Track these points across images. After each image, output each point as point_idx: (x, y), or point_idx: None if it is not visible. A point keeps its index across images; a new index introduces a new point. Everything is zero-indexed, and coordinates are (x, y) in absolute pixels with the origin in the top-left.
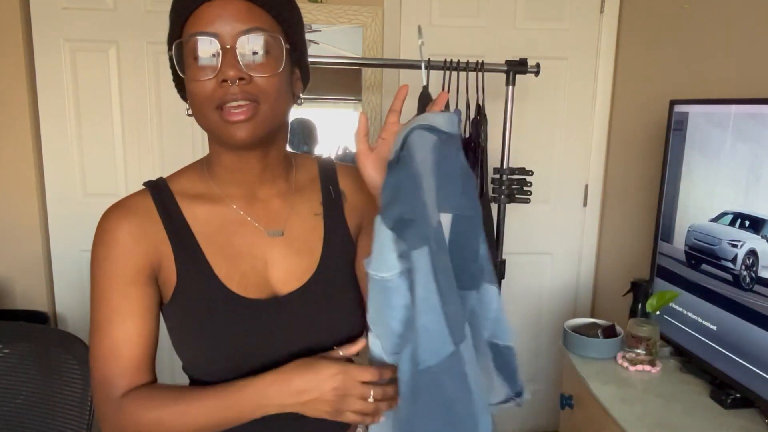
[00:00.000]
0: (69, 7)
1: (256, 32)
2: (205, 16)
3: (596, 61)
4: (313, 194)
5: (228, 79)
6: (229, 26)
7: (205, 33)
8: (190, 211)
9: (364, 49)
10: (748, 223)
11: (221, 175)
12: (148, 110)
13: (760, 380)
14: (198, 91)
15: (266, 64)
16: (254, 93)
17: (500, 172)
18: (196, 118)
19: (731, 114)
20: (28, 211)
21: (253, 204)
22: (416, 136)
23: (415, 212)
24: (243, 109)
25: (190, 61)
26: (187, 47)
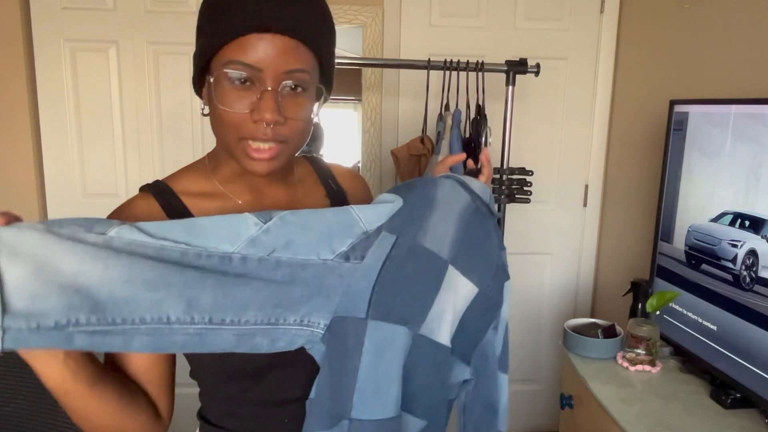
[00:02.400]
0: (69, 7)
1: (300, 74)
2: (252, 47)
3: (596, 61)
4: (315, 188)
5: (264, 122)
6: (274, 64)
7: (249, 66)
8: (198, 210)
9: (364, 49)
10: (748, 223)
11: (227, 176)
12: (148, 110)
13: (760, 380)
14: (228, 119)
15: (301, 104)
16: (284, 134)
17: (500, 172)
18: (215, 132)
19: (731, 114)
20: (28, 211)
21: (261, 201)
22: (448, 182)
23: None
24: (269, 148)
25: (225, 86)
26: (224, 72)
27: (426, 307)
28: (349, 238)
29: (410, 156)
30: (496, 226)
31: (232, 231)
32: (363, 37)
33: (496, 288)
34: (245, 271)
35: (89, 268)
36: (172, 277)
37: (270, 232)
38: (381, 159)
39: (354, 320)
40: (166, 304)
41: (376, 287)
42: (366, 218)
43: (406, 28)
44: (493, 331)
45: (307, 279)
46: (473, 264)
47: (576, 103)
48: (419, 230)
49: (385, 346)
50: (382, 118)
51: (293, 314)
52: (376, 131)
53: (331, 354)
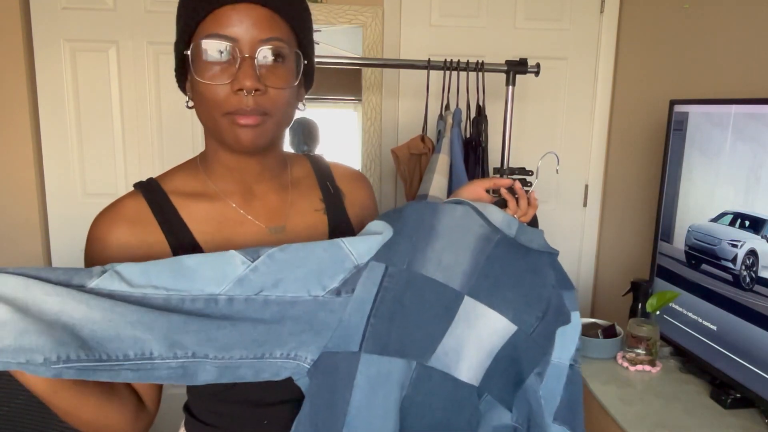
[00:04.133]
0: (69, 7)
1: (276, 42)
2: (226, 19)
3: (596, 61)
4: (310, 190)
5: (244, 89)
6: (249, 33)
7: (224, 37)
8: (186, 211)
9: (364, 49)
10: (748, 223)
11: (218, 173)
12: (148, 110)
13: (760, 380)
14: (210, 95)
15: (281, 75)
16: (266, 105)
17: (500, 172)
18: (200, 116)
19: (731, 114)
20: (28, 211)
21: (251, 201)
22: (460, 209)
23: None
24: (253, 117)
25: (203, 62)
26: (201, 46)
27: (434, 337)
28: (341, 274)
29: (411, 155)
30: (555, 264)
31: (218, 271)
32: (363, 37)
33: (545, 330)
34: (231, 313)
35: (71, 308)
36: (155, 321)
37: (258, 270)
38: (381, 159)
39: (346, 354)
40: (149, 343)
41: (371, 320)
42: (357, 252)
43: (406, 28)
44: (536, 377)
45: (297, 315)
46: (506, 299)
47: (576, 103)
48: (415, 259)
49: (379, 381)
50: (382, 118)
51: (280, 349)
52: (376, 131)
53: (317, 389)
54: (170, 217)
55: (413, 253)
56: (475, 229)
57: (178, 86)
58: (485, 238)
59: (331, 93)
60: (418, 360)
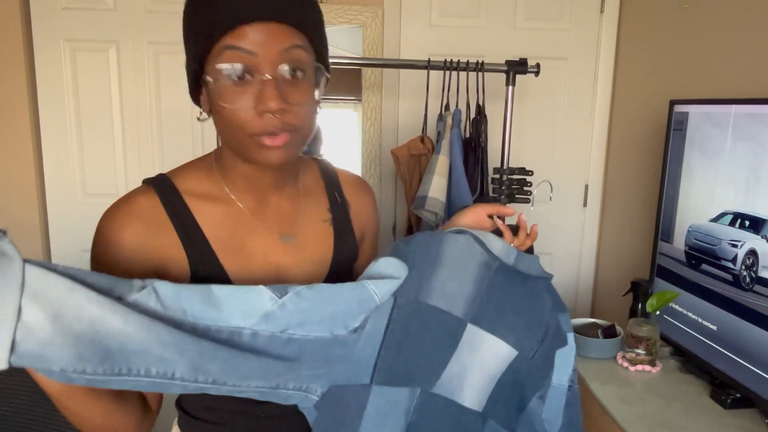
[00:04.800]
0: (69, 7)
1: (295, 51)
2: (243, 36)
3: (596, 61)
4: (320, 199)
5: (269, 111)
6: (267, 48)
7: (243, 50)
8: (200, 213)
9: (364, 49)
10: (748, 223)
11: (234, 180)
12: (148, 110)
13: (760, 380)
14: (234, 118)
15: (303, 89)
16: (293, 122)
17: (500, 172)
18: (221, 133)
19: (731, 114)
20: (28, 211)
21: (264, 208)
22: (462, 239)
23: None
24: (281, 137)
25: (222, 82)
26: (218, 63)
27: (438, 364)
28: (364, 314)
29: (410, 156)
30: (550, 288)
31: (246, 305)
32: (363, 37)
33: (544, 353)
34: (254, 347)
35: (109, 318)
36: (188, 345)
37: (285, 307)
38: (381, 159)
39: (356, 387)
40: (175, 364)
41: (381, 352)
42: (381, 293)
43: (406, 28)
44: (538, 400)
45: (314, 351)
46: (507, 324)
47: (576, 103)
48: (421, 289)
49: (387, 410)
50: (382, 118)
51: (295, 382)
52: (376, 131)
53: (324, 422)
54: (185, 220)
55: (420, 284)
56: (477, 257)
57: (193, 101)
58: (486, 265)
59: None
60: (422, 387)
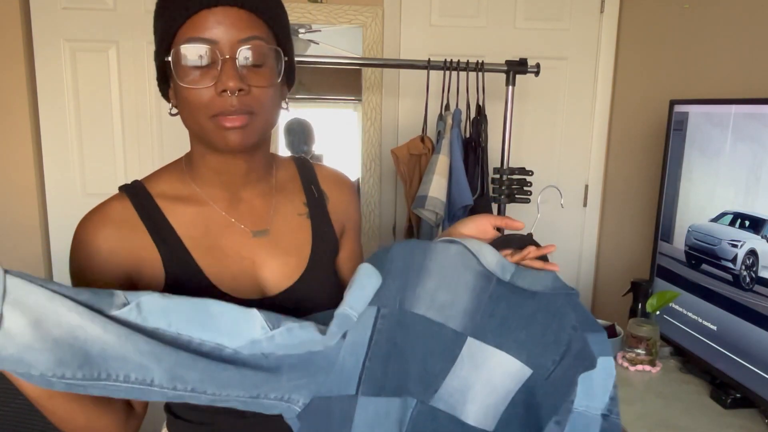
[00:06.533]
0: (69, 7)
1: (255, 41)
2: (204, 22)
3: (596, 61)
4: (294, 194)
5: (228, 90)
6: (228, 34)
7: (204, 40)
8: (173, 214)
9: (364, 49)
10: (748, 223)
11: (204, 176)
12: (148, 110)
13: (760, 380)
14: (194, 98)
15: (263, 74)
16: (251, 104)
17: (500, 172)
18: (185, 121)
19: (731, 114)
20: (28, 211)
21: (237, 205)
22: (453, 248)
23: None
24: (239, 118)
25: (184, 67)
26: (181, 52)
27: (435, 376)
28: (343, 330)
29: (410, 155)
30: (576, 305)
31: (235, 328)
32: (363, 37)
33: (563, 374)
34: (234, 359)
35: (88, 326)
36: (165, 354)
37: (273, 340)
38: (381, 159)
39: (341, 398)
40: (153, 371)
41: (367, 363)
42: (357, 310)
43: (406, 28)
44: (555, 426)
45: (294, 364)
46: (518, 340)
47: (576, 103)
48: (405, 298)
49: (378, 421)
50: (382, 118)
51: (275, 392)
52: (376, 131)
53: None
54: (157, 221)
55: (403, 293)
56: (473, 267)
57: (161, 94)
58: (485, 276)
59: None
60: (418, 398)
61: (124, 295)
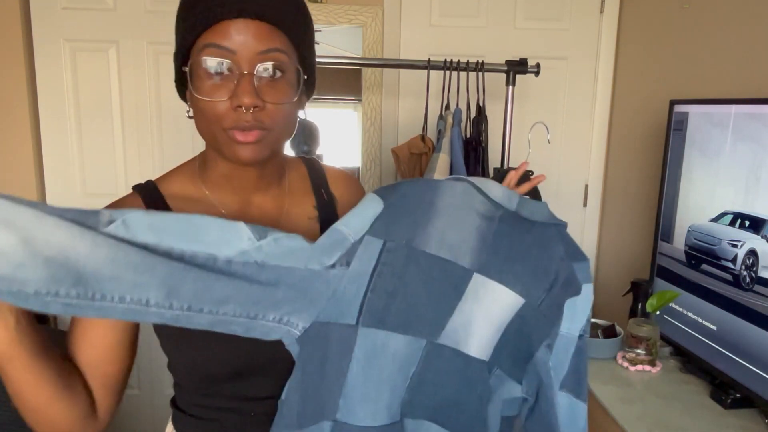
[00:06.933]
0: (69, 7)
1: (275, 54)
2: (225, 32)
3: (596, 61)
4: (305, 197)
5: (243, 106)
6: (247, 46)
7: (222, 49)
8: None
9: (364, 49)
10: (748, 223)
11: (216, 181)
12: (148, 110)
13: (760, 380)
14: (208, 109)
15: (280, 88)
16: (265, 120)
17: (500, 172)
18: (199, 128)
19: (731, 114)
20: None
21: (247, 210)
22: (459, 186)
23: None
24: (252, 133)
25: (201, 74)
26: (198, 59)
27: (443, 315)
28: (339, 251)
29: (411, 155)
30: (564, 236)
31: (223, 238)
32: (363, 37)
33: (552, 302)
34: (229, 271)
35: (78, 243)
36: (157, 264)
37: (261, 250)
38: (381, 159)
39: (341, 326)
40: (148, 288)
41: (369, 294)
42: (353, 229)
43: (406, 28)
44: (546, 349)
45: (292, 282)
46: (514, 273)
47: (576, 103)
48: (416, 236)
49: (375, 353)
50: (382, 118)
51: (273, 312)
52: (376, 131)
53: (307, 357)
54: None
55: (413, 230)
56: (477, 206)
57: (179, 96)
58: (489, 215)
59: (331, 93)
60: (428, 338)
61: (109, 212)
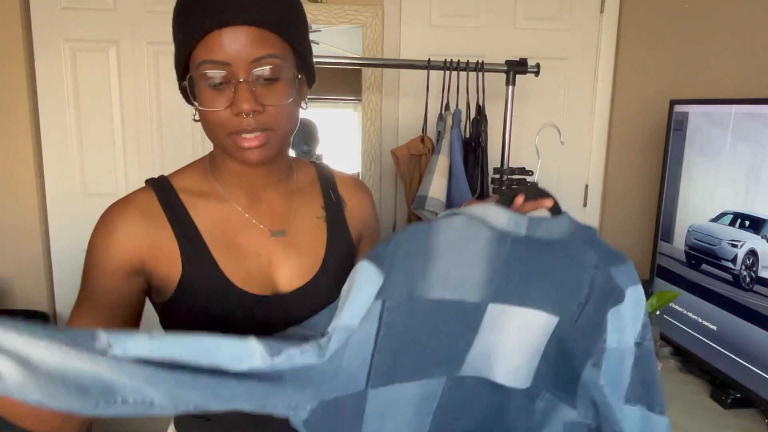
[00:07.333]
0: (69, 7)
1: (269, 59)
2: (216, 43)
3: (596, 61)
4: (314, 197)
5: (243, 112)
6: (240, 55)
7: (217, 63)
8: (195, 209)
9: (364, 49)
10: (748, 223)
11: (226, 178)
12: (148, 110)
13: (760, 380)
14: (212, 119)
15: (279, 89)
16: (268, 123)
17: (500, 172)
18: (207, 134)
19: (731, 114)
20: (28, 211)
21: (257, 205)
22: (457, 221)
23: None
24: (257, 136)
25: (201, 87)
26: (197, 74)
27: (459, 352)
28: (343, 341)
29: (410, 156)
30: (594, 241)
31: (235, 356)
32: (363, 37)
33: (591, 315)
34: (235, 375)
35: (74, 358)
36: (162, 380)
37: (274, 367)
38: (381, 159)
39: (350, 396)
40: (151, 395)
41: (375, 357)
42: (357, 317)
43: (406, 28)
44: (593, 368)
45: (296, 373)
46: (539, 293)
47: (576, 103)
48: (416, 288)
49: (387, 407)
50: (382, 118)
51: (281, 402)
52: (376, 131)
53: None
54: (179, 215)
55: (412, 282)
56: (482, 235)
57: (185, 100)
58: (498, 241)
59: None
60: (447, 375)
61: (106, 337)
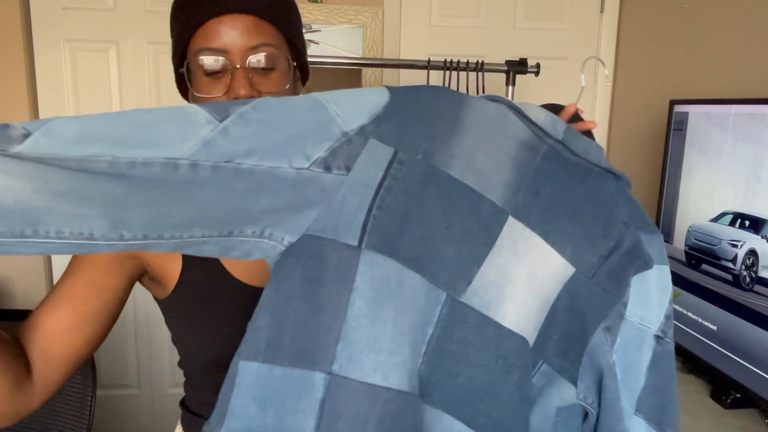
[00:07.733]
0: (69, 7)
1: (265, 48)
2: (213, 32)
3: (596, 61)
4: None
5: (239, 98)
6: (237, 43)
7: (213, 50)
8: None
9: (364, 49)
10: (748, 223)
11: None
12: None
13: (760, 380)
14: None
15: (274, 78)
16: None
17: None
18: None
19: (731, 114)
20: None
21: None
22: (493, 106)
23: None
24: None
25: (198, 75)
26: (194, 62)
27: (469, 262)
28: (327, 141)
29: None
30: (628, 197)
31: (178, 131)
32: (363, 37)
33: (611, 273)
34: (195, 181)
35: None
36: (91, 191)
37: (228, 133)
38: None
39: (338, 245)
40: (88, 222)
41: (374, 210)
42: (343, 114)
43: (406, 28)
44: (604, 333)
45: (278, 189)
46: (563, 230)
47: (576, 103)
48: (436, 152)
49: (388, 289)
50: None
51: (252, 226)
52: None
53: (287, 271)
54: None
55: (433, 143)
56: (516, 133)
57: (181, 96)
58: (530, 146)
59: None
60: (448, 291)
61: (21, 125)
